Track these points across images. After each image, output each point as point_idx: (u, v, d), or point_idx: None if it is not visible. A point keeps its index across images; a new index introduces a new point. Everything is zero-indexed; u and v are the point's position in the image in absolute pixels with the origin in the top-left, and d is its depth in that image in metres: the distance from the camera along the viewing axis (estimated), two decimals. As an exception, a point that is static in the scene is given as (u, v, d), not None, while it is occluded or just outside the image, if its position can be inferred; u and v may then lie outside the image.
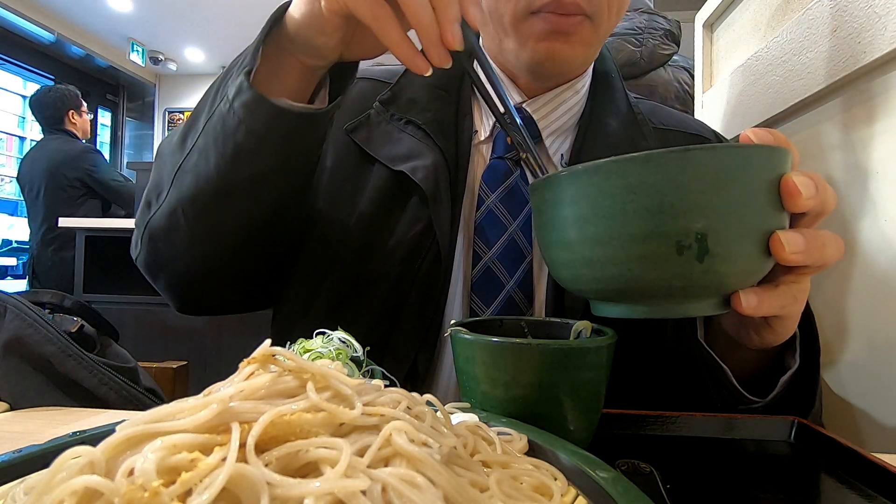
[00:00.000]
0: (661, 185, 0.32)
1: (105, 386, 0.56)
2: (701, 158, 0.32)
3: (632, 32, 1.45)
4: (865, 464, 0.36)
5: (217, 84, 0.52)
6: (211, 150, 0.49)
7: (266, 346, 0.24)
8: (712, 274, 0.33)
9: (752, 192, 0.33)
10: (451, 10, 0.40)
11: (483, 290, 0.58)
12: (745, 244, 0.33)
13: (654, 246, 0.33)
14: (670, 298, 0.35)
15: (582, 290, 0.39)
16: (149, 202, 0.56)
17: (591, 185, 0.34)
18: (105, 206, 2.89)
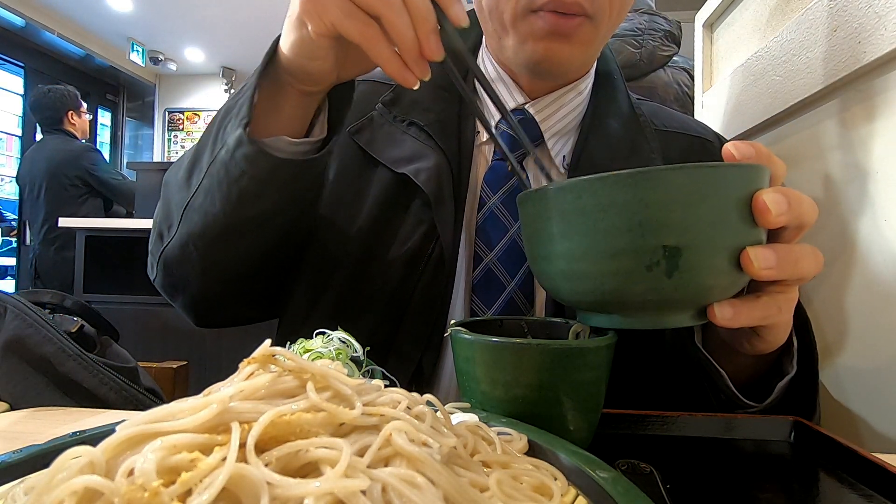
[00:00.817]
0: (630, 204, 0.33)
1: (105, 386, 0.56)
2: (670, 179, 0.32)
3: (631, 34, 1.45)
4: (865, 464, 0.36)
5: (219, 120, 0.53)
6: (216, 192, 0.51)
7: (266, 346, 0.24)
8: (683, 289, 0.34)
9: (723, 210, 0.33)
10: (426, 24, 0.40)
11: (484, 291, 0.58)
12: (715, 260, 0.34)
13: (624, 262, 0.34)
14: (646, 311, 0.36)
15: (564, 299, 0.40)
16: (160, 233, 0.58)
17: (566, 203, 0.35)
18: (107, 204, 2.89)
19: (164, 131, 6.57)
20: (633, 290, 0.34)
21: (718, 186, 0.33)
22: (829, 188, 0.64)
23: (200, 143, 0.55)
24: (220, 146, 0.50)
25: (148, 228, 2.29)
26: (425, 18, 0.40)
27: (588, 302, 0.38)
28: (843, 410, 0.60)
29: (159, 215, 0.59)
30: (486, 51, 0.64)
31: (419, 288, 0.57)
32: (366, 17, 0.40)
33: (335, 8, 0.40)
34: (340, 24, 0.41)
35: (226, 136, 0.49)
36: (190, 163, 0.55)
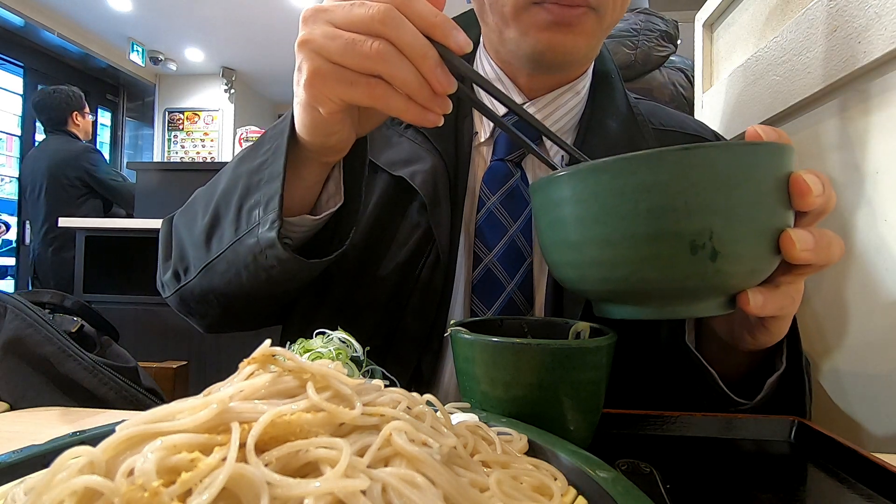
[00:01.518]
0: (673, 183, 0.31)
1: (105, 386, 0.56)
2: (714, 156, 0.31)
3: (627, 34, 1.44)
4: (865, 464, 0.36)
5: (241, 185, 0.52)
6: (242, 270, 0.52)
7: (266, 346, 0.24)
8: (724, 274, 0.33)
9: (763, 190, 0.32)
10: (427, 62, 0.38)
11: (483, 291, 0.58)
12: (756, 243, 0.33)
13: (667, 246, 0.32)
14: (680, 299, 0.35)
15: (587, 290, 0.38)
16: (176, 273, 0.59)
17: (600, 184, 0.33)
18: (106, 205, 2.89)
19: (164, 131, 6.57)
20: (673, 276, 0.33)
21: (760, 165, 0.32)
22: (829, 188, 0.64)
23: (218, 201, 0.55)
24: (244, 228, 0.50)
25: (148, 229, 2.29)
26: (425, 56, 0.38)
27: (618, 291, 0.36)
28: (843, 410, 0.60)
29: (175, 255, 0.60)
30: (484, 50, 0.64)
31: (417, 290, 0.57)
32: (368, 79, 0.39)
33: (337, 83, 0.40)
34: (347, 95, 0.40)
35: (251, 219, 0.50)
36: (208, 224, 0.55)
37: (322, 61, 0.39)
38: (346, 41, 0.38)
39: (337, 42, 0.38)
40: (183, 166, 3.26)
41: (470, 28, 0.68)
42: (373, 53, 0.37)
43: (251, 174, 0.51)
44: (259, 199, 0.49)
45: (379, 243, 0.59)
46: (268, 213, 0.48)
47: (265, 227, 0.48)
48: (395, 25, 0.37)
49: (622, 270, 0.34)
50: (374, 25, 0.37)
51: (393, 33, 0.37)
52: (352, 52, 0.38)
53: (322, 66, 0.40)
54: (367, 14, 0.37)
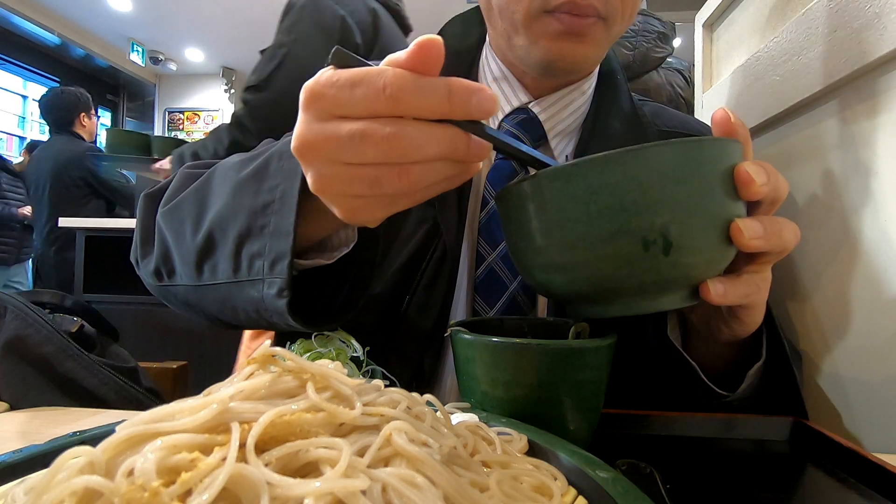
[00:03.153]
0: (621, 183, 0.33)
1: (105, 386, 0.56)
2: (658, 155, 0.33)
3: (625, 35, 1.45)
4: (865, 464, 0.36)
5: (235, 215, 0.47)
6: (239, 311, 0.49)
7: (266, 346, 0.24)
8: (679, 266, 0.34)
9: (710, 183, 0.34)
10: (458, 155, 0.34)
11: (486, 290, 0.58)
12: (707, 234, 0.34)
13: (621, 244, 0.33)
14: (643, 294, 0.36)
15: (557, 293, 0.40)
16: (159, 271, 0.55)
17: (554, 190, 0.35)
18: (110, 205, 2.89)
19: (164, 131, 6.57)
20: (631, 273, 0.34)
21: (705, 160, 0.34)
22: (830, 188, 0.64)
23: (212, 225, 0.49)
24: (244, 274, 0.46)
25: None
26: (460, 146, 0.33)
27: (583, 292, 0.37)
28: (843, 410, 0.60)
29: (158, 252, 0.55)
30: (490, 49, 0.64)
31: (420, 287, 0.57)
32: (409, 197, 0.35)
33: (382, 209, 0.36)
34: (392, 210, 0.37)
35: (253, 268, 0.45)
36: (201, 246, 0.50)
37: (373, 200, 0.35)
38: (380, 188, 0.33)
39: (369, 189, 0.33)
40: (183, 166, 3.26)
41: (474, 26, 0.68)
42: (412, 192, 0.34)
43: (254, 213, 0.46)
44: (262, 251, 0.45)
45: (384, 238, 0.59)
46: (274, 275, 0.44)
47: (272, 290, 0.44)
48: (408, 152, 0.32)
49: (583, 271, 0.35)
50: (390, 157, 0.32)
51: (408, 154, 0.32)
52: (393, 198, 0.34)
53: (375, 203, 0.35)
54: (381, 152, 0.31)
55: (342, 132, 0.31)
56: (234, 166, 0.52)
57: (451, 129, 0.32)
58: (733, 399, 0.48)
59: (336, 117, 0.32)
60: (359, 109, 0.31)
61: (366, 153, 0.32)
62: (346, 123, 0.31)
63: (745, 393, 0.48)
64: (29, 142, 2.97)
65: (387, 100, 0.30)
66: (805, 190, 0.69)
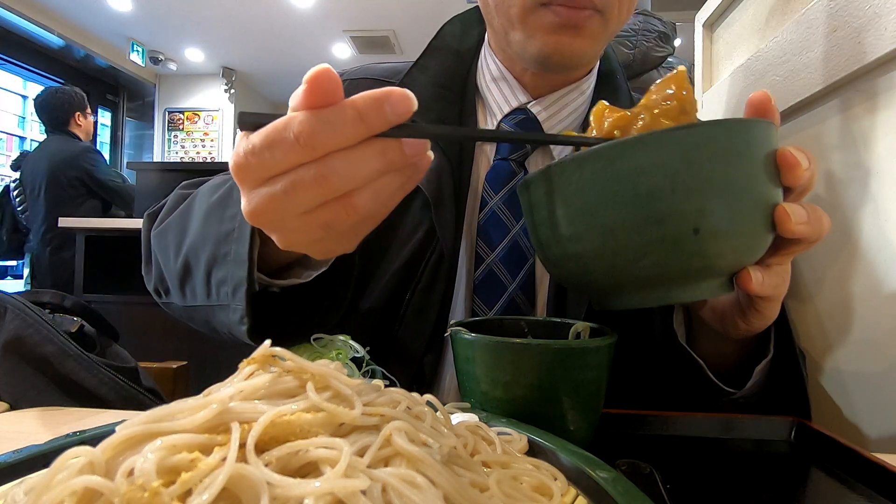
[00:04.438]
0: (671, 163, 0.31)
1: (105, 386, 0.56)
2: (710, 134, 0.31)
3: (626, 35, 1.45)
4: (865, 464, 0.36)
5: (205, 243, 0.49)
6: (218, 328, 0.51)
7: (266, 346, 0.24)
8: (724, 251, 0.33)
9: (757, 166, 0.33)
10: (393, 164, 0.32)
11: (485, 291, 0.58)
12: (753, 219, 0.33)
13: (670, 227, 0.32)
14: (686, 281, 0.35)
15: (591, 283, 0.38)
16: (157, 290, 0.59)
17: (596, 172, 0.33)
18: (105, 206, 2.89)
19: (164, 131, 6.57)
20: (678, 257, 0.33)
21: (753, 141, 0.32)
22: (830, 187, 0.64)
23: (188, 252, 0.51)
24: (215, 299, 0.48)
25: (148, 228, 2.23)
26: (390, 165, 0.32)
27: (625, 279, 0.35)
28: (844, 410, 0.60)
29: (155, 272, 0.58)
30: (489, 49, 0.64)
31: (419, 289, 0.57)
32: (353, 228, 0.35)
33: (331, 244, 0.37)
34: (344, 246, 0.38)
35: (220, 294, 0.47)
36: (181, 270, 0.52)
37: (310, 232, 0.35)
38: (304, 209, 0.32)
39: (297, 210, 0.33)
40: (183, 166, 3.27)
41: (473, 26, 0.68)
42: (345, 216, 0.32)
43: (218, 242, 0.47)
44: (226, 278, 0.46)
45: (382, 242, 0.59)
46: (236, 301, 0.45)
47: (235, 316, 0.46)
48: (342, 184, 0.31)
49: (627, 256, 0.33)
50: (327, 196, 0.31)
51: (343, 186, 0.31)
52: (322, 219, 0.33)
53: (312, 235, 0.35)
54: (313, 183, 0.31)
55: (277, 192, 0.31)
56: (208, 191, 0.53)
57: (375, 143, 0.31)
58: (739, 396, 0.48)
59: (267, 180, 0.32)
60: (283, 166, 0.31)
61: (305, 201, 0.31)
62: (278, 182, 0.31)
63: (751, 390, 0.48)
64: (17, 157, 2.96)
65: (303, 148, 0.30)
66: (805, 190, 0.69)
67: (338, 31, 5.16)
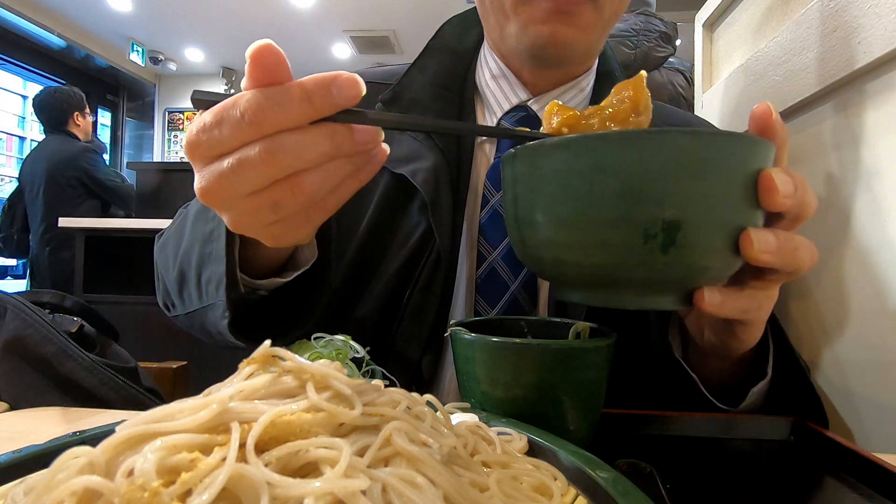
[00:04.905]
0: (632, 167, 0.30)
1: (105, 386, 0.56)
2: (678, 142, 0.30)
3: (627, 35, 1.45)
4: (865, 463, 0.36)
5: (195, 248, 0.49)
6: (211, 331, 0.51)
7: (266, 346, 0.24)
8: (676, 267, 0.31)
9: (728, 184, 0.31)
10: (343, 150, 0.33)
11: (487, 290, 0.58)
12: (714, 238, 0.31)
13: (618, 232, 0.31)
14: (631, 289, 0.33)
15: (546, 273, 0.37)
16: (165, 304, 0.59)
17: (561, 161, 0.32)
18: (104, 206, 2.89)
19: (164, 131, 6.57)
20: (623, 265, 0.31)
21: (730, 156, 0.30)
22: (830, 187, 0.64)
23: (182, 258, 0.52)
24: (206, 299, 0.48)
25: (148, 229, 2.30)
26: (339, 150, 0.32)
27: (571, 276, 0.35)
28: (844, 410, 0.60)
29: (161, 287, 0.59)
30: (488, 48, 0.64)
31: (416, 289, 0.57)
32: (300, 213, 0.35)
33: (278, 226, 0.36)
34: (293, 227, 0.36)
35: (209, 293, 0.47)
36: (177, 277, 0.53)
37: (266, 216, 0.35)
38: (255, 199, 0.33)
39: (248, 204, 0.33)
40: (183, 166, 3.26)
41: (472, 26, 0.68)
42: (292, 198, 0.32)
43: (204, 242, 0.48)
44: (211, 277, 0.47)
45: (380, 243, 0.59)
46: (219, 296, 0.45)
47: (219, 312, 0.46)
48: (289, 163, 0.31)
49: (575, 254, 0.33)
50: (273, 175, 0.32)
51: (290, 165, 0.31)
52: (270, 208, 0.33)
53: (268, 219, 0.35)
54: (258, 161, 0.31)
55: (225, 169, 0.32)
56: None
57: (325, 126, 0.31)
58: (736, 412, 0.47)
59: (216, 158, 0.32)
60: (232, 143, 0.31)
61: (251, 179, 0.31)
62: (226, 159, 0.32)
63: (748, 409, 0.47)
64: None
65: (249, 126, 0.30)
66: (805, 190, 0.68)
67: (338, 31, 5.16)
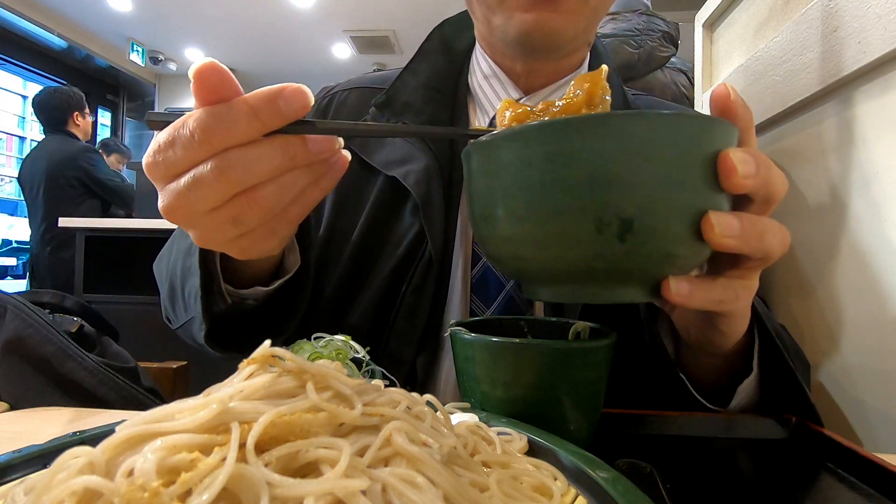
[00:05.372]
0: (581, 153, 0.28)
1: (105, 386, 0.56)
2: (623, 125, 0.28)
3: (630, 34, 1.45)
4: (865, 463, 0.36)
5: (178, 267, 0.51)
6: (198, 342, 0.52)
7: (266, 346, 0.24)
8: (637, 255, 0.30)
9: (684, 167, 0.29)
10: (296, 162, 0.33)
11: (483, 290, 0.58)
12: (673, 224, 0.30)
13: (571, 222, 0.29)
14: (595, 281, 0.32)
15: (508, 270, 0.36)
16: (167, 316, 0.59)
17: (513, 152, 0.31)
18: (105, 205, 2.89)
19: (164, 131, 6.56)
20: (580, 256, 0.30)
21: (683, 138, 0.29)
22: (830, 187, 0.64)
23: (171, 272, 0.53)
24: (192, 311, 0.49)
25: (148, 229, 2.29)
26: (293, 161, 0.32)
27: (532, 270, 0.34)
28: (844, 410, 0.60)
29: (163, 297, 0.59)
30: (480, 48, 0.64)
31: (409, 290, 0.57)
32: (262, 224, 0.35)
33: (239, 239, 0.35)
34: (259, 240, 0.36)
35: (191, 306, 0.48)
36: (168, 292, 0.54)
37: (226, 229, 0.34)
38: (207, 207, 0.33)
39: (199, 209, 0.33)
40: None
41: (467, 28, 0.68)
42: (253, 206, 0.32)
43: (185, 255, 0.49)
44: (191, 290, 0.47)
45: (373, 244, 0.59)
46: (197, 307, 0.46)
47: (196, 324, 0.47)
48: (240, 178, 0.31)
49: (531, 248, 0.32)
50: (228, 191, 0.32)
51: (242, 180, 0.32)
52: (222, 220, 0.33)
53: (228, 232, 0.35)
54: (213, 182, 0.31)
55: (182, 188, 0.32)
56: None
57: (277, 139, 0.31)
58: (728, 413, 0.47)
59: (174, 177, 0.33)
60: (186, 163, 0.32)
61: (209, 196, 0.32)
62: (182, 178, 0.32)
63: (738, 408, 0.46)
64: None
65: (199, 144, 0.30)
66: (805, 189, 0.69)
67: (338, 31, 5.17)
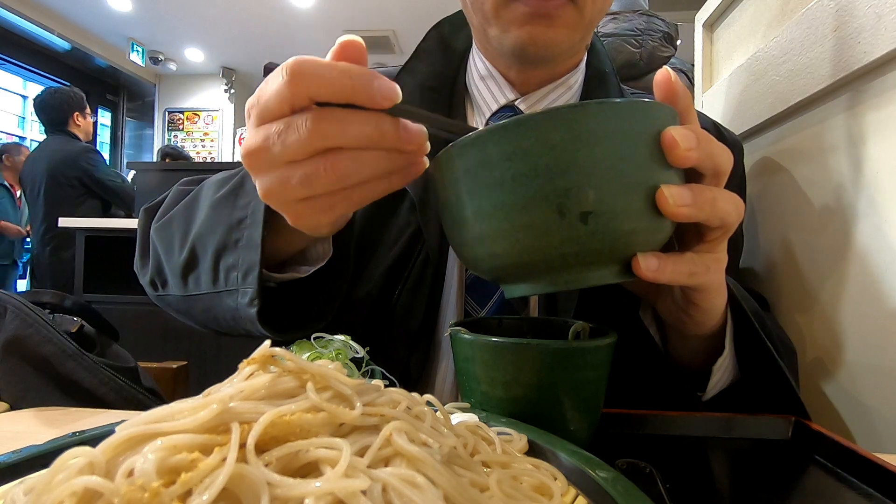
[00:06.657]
0: (534, 148, 0.31)
1: (105, 386, 0.56)
2: (568, 116, 0.31)
3: (632, 34, 1.45)
4: (864, 463, 0.36)
5: (219, 230, 0.50)
6: (221, 319, 0.52)
7: (266, 346, 0.24)
8: (601, 235, 0.32)
9: (630, 147, 0.32)
10: (386, 140, 0.34)
11: (477, 290, 0.58)
12: (629, 201, 0.32)
13: (536, 212, 0.32)
14: (568, 267, 0.34)
15: (483, 270, 0.38)
16: (154, 282, 0.59)
17: (471, 158, 0.33)
18: (105, 205, 2.89)
19: (164, 131, 6.57)
20: (549, 243, 0.32)
21: (623, 121, 0.32)
22: (831, 187, 0.64)
23: (195, 240, 0.52)
24: (222, 285, 0.49)
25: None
26: (383, 137, 0.33)
27: (509, 266, 0.35)
28: (844, 410, 0.60)
29: (153, 265, 0.58)
30: (476, 48, 0.64)
31: (405, 290, 0.57)
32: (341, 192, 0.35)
33: (318, 214, 0.37)
34: (332, 217, 0.38)
35: (229, 279, 0.48)
36: (185, 260, 0.53)
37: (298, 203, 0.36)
38: (300, 183, 0.34)
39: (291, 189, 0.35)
40: (182, 166, 3.27)
41: (464, 28, 0.68)
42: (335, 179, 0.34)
43: (230, 229, 0.49)
44: (236, 263, 0.47)
45: (369, 244, 0.59)
46: (246, 285, 0.46)
47: (244, 299, 0.47)
48: (331, 132, 0.32)
49: (503, 244, 0.34)
50: (314, 144, 0.33)
51: (332, 135, 0.33)
52: (310, 185, 0.34)
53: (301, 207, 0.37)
54: (300, 139, 0.32)
55: (272, 132, 0.33)
56: (215, 184, 0.55)
57: (373, 112, 0.33)
58: (707, 398, 0.47)
59: (268, 120, 0.33)
60: (279, 106, 0.32)
61: (294, 145, 0.33)
62: (274, 123, 0.33)
63: (719, 389, 0.47)
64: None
65: (288, 80, 0.31)
66: (805, 189, 0.69)
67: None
